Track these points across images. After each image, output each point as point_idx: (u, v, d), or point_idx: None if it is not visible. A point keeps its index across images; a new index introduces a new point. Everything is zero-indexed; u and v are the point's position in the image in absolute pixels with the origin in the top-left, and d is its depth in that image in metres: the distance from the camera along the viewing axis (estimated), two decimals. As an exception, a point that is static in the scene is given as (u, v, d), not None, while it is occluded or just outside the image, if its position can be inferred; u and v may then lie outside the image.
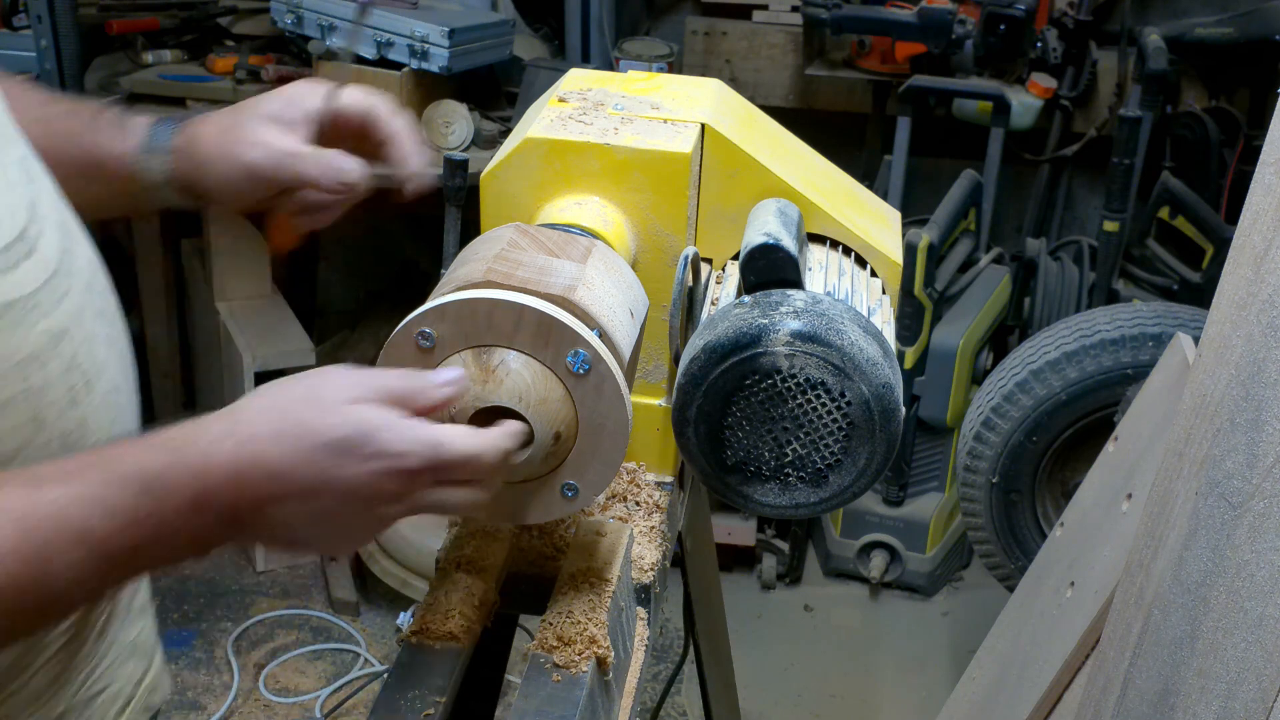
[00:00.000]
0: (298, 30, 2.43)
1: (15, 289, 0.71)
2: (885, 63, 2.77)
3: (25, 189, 0.75)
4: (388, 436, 0.66)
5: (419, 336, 0.75)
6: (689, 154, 0.93)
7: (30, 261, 0.72)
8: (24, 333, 0.71)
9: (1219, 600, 0.99)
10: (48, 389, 0.73)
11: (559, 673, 0.81)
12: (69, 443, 0.75)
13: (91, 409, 0.77)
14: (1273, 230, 0.96)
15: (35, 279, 0.73)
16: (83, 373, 0.76)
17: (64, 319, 0.75)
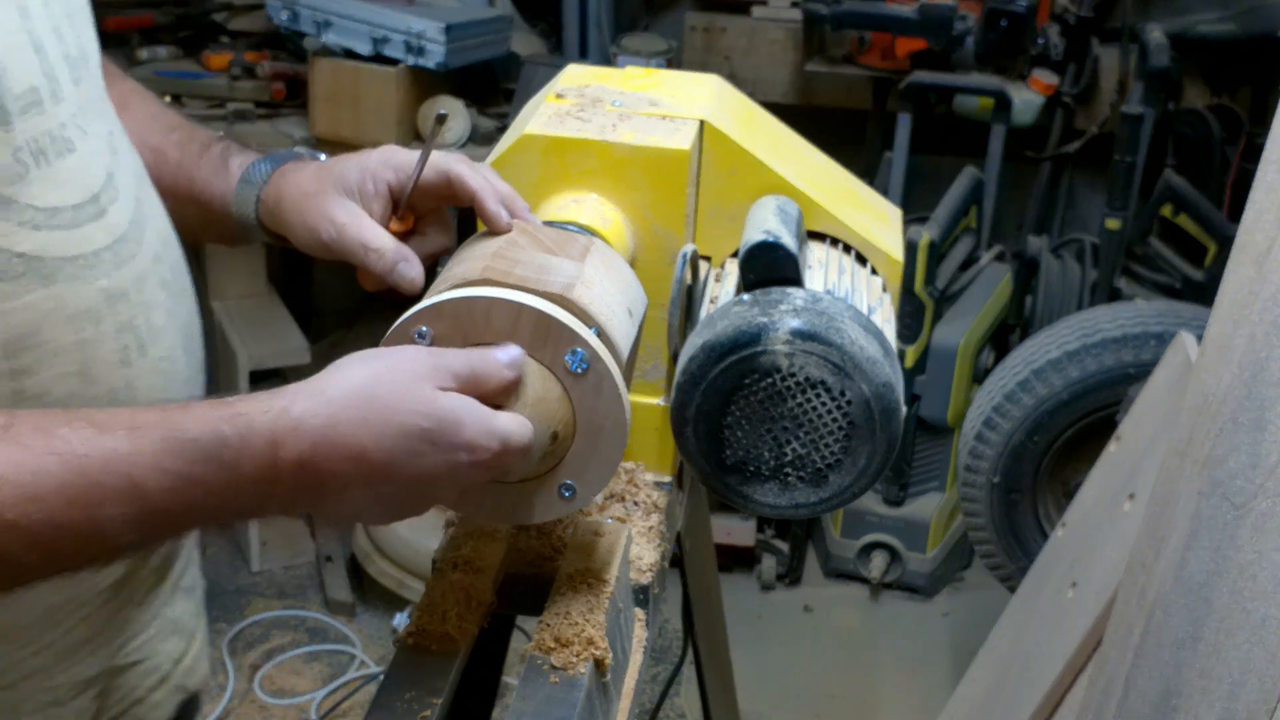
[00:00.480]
0: (293, 26, 2.42)
1: (77, 245, 0.76)
2: (885, 59, 2.76)
3: (107, 160, 0.80)
4: (471, 430, 0.68)
5: (416, 335, 0.74)
6: (688, 151, 0.92)
7: (97, 224, 0.77)
8: (82, 286, 0.76)
9: (1221, 601, 0.98)
10: (99, 344, 0.77)
11: (556, 674, 0.81)
12: (116, 400, 0.78)
13: (141, 372, 0.80)
14: (1275, 228, 0.95)
15: (99, 241, 0.77)
16: (136, 335, 0.80)
17: (123, 282, 0.79)
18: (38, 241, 0.73)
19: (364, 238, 0.82)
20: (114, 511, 0.61)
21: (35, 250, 0.73)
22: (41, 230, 0.73)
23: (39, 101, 0.74)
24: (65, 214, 0.75)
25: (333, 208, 0.83)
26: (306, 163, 0.91)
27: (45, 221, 0.74)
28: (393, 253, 0.81)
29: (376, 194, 0.84)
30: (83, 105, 0.79)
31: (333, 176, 0.85)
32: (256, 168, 0.91)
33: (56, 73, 0.76)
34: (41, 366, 0.74)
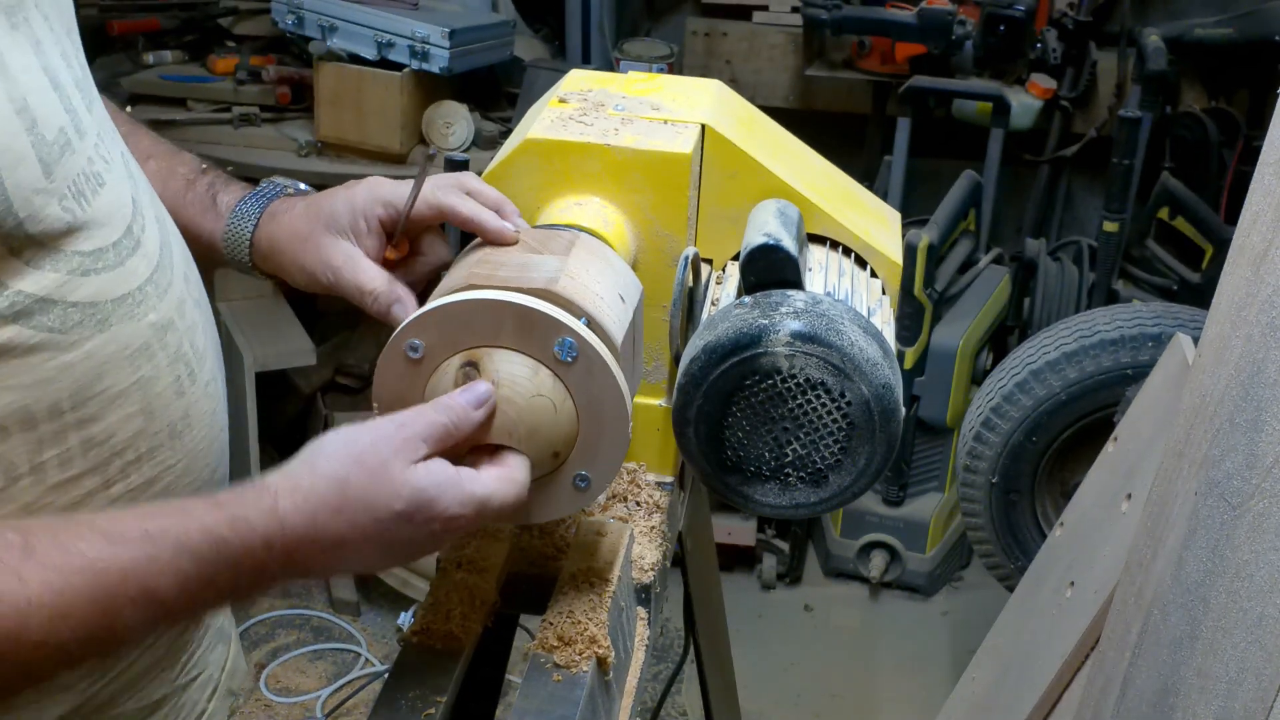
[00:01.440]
0: (299, 31, 2.43)
1: (125, 283, 0.75)
2: (885, 63, 2.77)
3: (128, 184, 0.79)
4: (444, 504, 0.70)
5: (408, 349, 0.76)
6: (689, 155, 0.93)
7: (136, 256, 0.77)
8: (134, 325, 0.75)
9: (1218, 600, 0.99)
10: (157, 379, 0.77)
11: (559, 672, 0.81)
12: (175, 431, 0.79)
13: (195, 399, 0.81)
14: (1272, 231, 0.96)
15: (141, 273, 0.77)
16: (186, 363, 0.80)
17: (169, 310, 0.79)
18: (91, 287, 0.72)
19: (359, 281, 0.83)
20: (131, 617, 0.64)
21: (89, 297, 0.72)
22: (90, 275, 0.72)
23: (68, 142, 0.72)
24: (109, 254, 0.74)
25: (327, 251, 0.84)
26: (293, 200, 0.90)
27: (93, 265, 0.73)
28: (386, 295, 0.83)
29: (369, 230, 0.85)
30: (100, 133, 0.77)
31: (323, 218, 0.85)
32: (245, 209, 0.90)
33: (74, 103, 0.74)
34: (107, 412, 0.74)
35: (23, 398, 0.70)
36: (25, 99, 0.68)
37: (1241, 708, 0.94)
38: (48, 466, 0.71)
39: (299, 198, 0.91)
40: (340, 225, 0.85)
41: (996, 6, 2.59)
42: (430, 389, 0.76)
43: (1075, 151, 2.86)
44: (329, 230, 0.85)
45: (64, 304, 0.71)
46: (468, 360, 0.75)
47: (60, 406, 0.71)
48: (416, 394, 0.77)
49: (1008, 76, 2.72)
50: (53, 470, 0.72)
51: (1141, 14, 2.80)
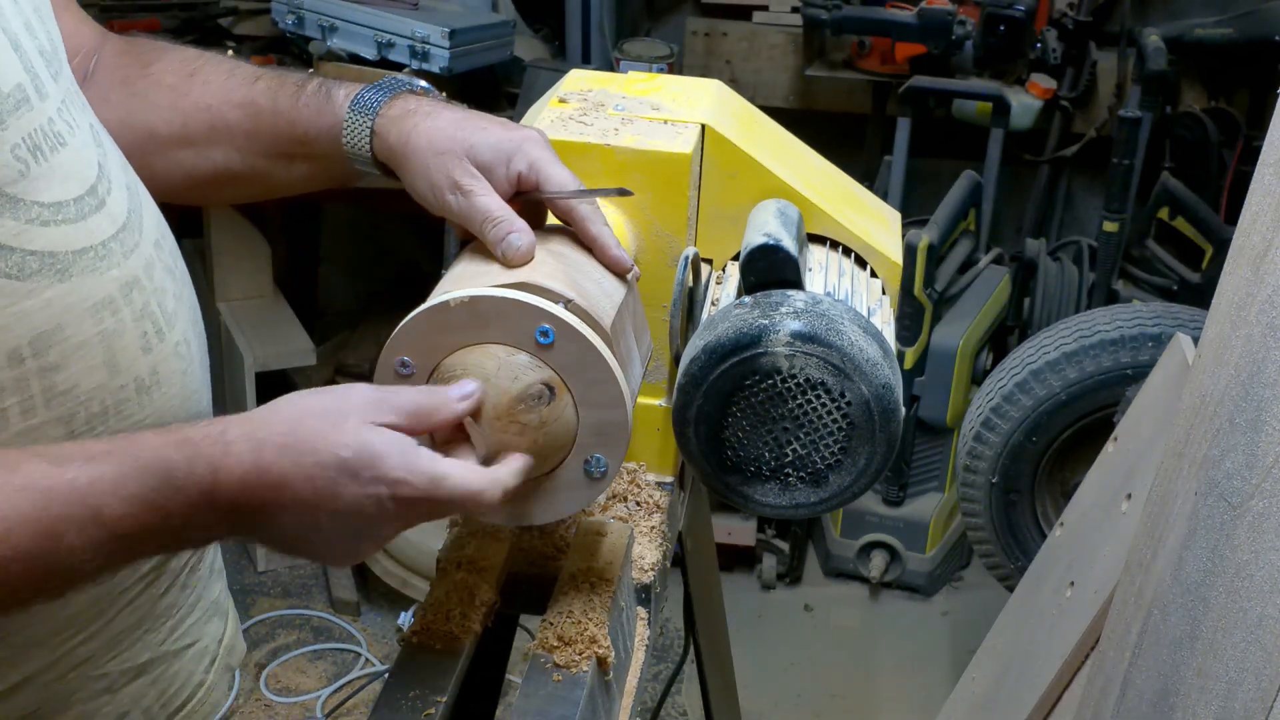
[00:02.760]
0: (299, 31, 2.43)
1: (87, 237, 0.76)
2: (885, 63, 2.77)
3: (95, 151, 0.79)
4: (390, 463, 0.68)
5: (398, 366, 0.76)
6: (689, 155, 0.93)
7: (100, 214, 0.77)
8: (97, 278, 0.76)
9: (1218, 600, 0.99)
10: (121, 334, 0.78)
11: (559, 672, 0.81)
12: (142, 387, 0.79)
13: (163, 357, 0.81)
14: (1272, 231, 0.96)
15: (105, 231, 0.77)
16: (154, 321, 0.80)
17: (134, 269, 0.79)
18: (49, 237, 0.73)
19: (487, 207, 0.82)
20: (76, 540, 0.63)
21: (48, 246, 0.73)
22: (50, 226, 0.74)
23: (26, 99, 0.73)
24: (69, 207, 0.75)
25: (461, 175, 0.83)
26: (431, 105, 0.87)
27: (52, 217, 0.74)
28: (508, 223, 0.81)
29: (505, 179, 0.83)
30: (64, 99, 0.78)
31: (468, 144, 0.83)
32: (365, 98, 0.87)
33: (36, 69, 0.75)
34: (69, 361, 0.74)
35: None
36: None
37: (1241, 708, 0.94)
38: (10, 413, 0.72)
39: (436, 102, 0.89)
40: (480, 159, 0.83)
41: (996, 6, 2.59)
42: None
43: (1075, 151, 2.86)
44: (468, 157, 0.83)
45: (21, 251, 0.72)
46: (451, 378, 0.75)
47: (20, 353, 0.72)
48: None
49: (1008, 76, 2.72)
50: (15, 417, 0.72)
51: (1141, 14, 2.80)
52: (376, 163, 0.88)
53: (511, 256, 0.80)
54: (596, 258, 0.84)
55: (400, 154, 0.85)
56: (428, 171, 0.84)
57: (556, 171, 0.83)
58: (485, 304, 0.74)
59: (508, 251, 0.80)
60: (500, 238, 0.80)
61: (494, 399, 0.74)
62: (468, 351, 0.75)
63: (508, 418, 0.74)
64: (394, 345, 0.76)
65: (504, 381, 0.74)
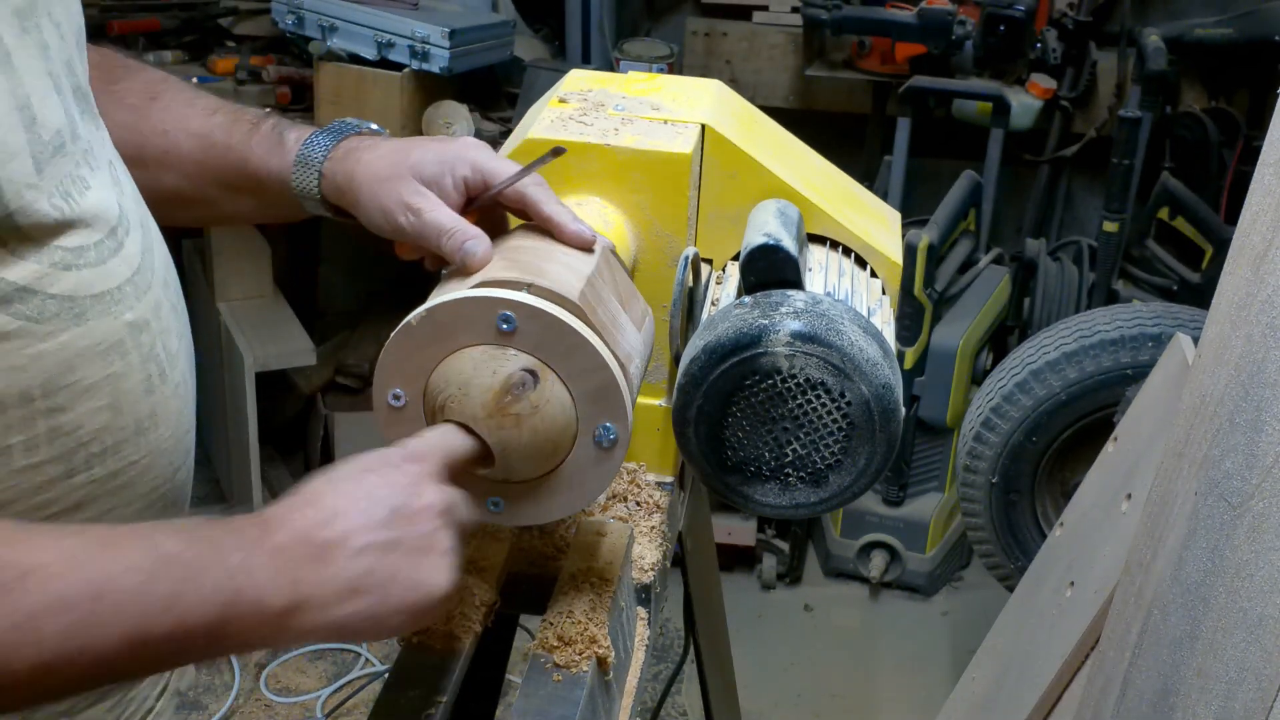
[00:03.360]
0: (299, 31, 2.43)
1: (105, 280, 0.77)
2: (885, 63, 2.77)
3: (113, 190, 0.80)
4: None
5: (390, 400, 0.77)
6: (689, 155, 0.93)
7: (117, 258, 0.78)
8: (111, 322, 0.77)
9: (1218, 600, 0.99)
10: (128, 375, 0.78)
11: (559, 672, 0.81)
12: (141, 428, 0.80)
13: (163, 398, 0.82)
14: (1272, 231, 0.96)
15: (121, 274, 0.79)
16: (158, 363, 0.81)
17: (145, 311, 0.80)
18: (70, 282, 0.74)
19: (439, 221, 0.82)
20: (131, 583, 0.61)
21: (68, 290, 0.74)
22: (72, 270, 0.74)
23: (63, 145, 0.74)
24: (90, 252, 0.76)
25: (409, 194, 0.84)
26: (373, 140, 0.90)
27: (74, 261, 0.75)
28: (462, 232, 0.82)
29: (453, 188, 0.85)
30: (90, 139, 0.79)
31: (409, 163, 0.85)
32: (315, 142, 0.90)
33: (72, 111, 0.76)
34: (76, 403, 0.75)
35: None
36: (29, 98, 0.71)
37: (1241, 707, 0.94)
38: (14, 451, 0.73)
39: (378, 138, 0.91)
40: (425, 174, 0.84)
41: (996, 6, 2.59)
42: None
43: (1075, 151, 2.86)
44: (412, 176, 0.85)
45: (43, 295, 0.72)
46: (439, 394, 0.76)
47: (31, 394, 0.73)
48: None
49: (1008, 76, 2.72)
50: (18, 455, 0.73)
51: (1141, 14, 2.80)
52: (325, 204, 0.90)
53: (471, 264, 0.81)
54: (556, 238, 0.84)
55: (348, 190, 0.87)
56: (376, 199, 0.85)
57: (500, 166, 0.85)
58: (442, 311, 0.75)
59: (467, 260, 0.81)
60: (457, 247, 0.81)
61: (481, 398, 0.74)
62: (446, 363, 0.76)
63: (499, 412, 0.74)
64: (380, 381, 0.77)
65: (484, 378, 0.74)
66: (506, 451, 0.76)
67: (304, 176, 0.89)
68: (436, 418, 0.76)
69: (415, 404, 0.77)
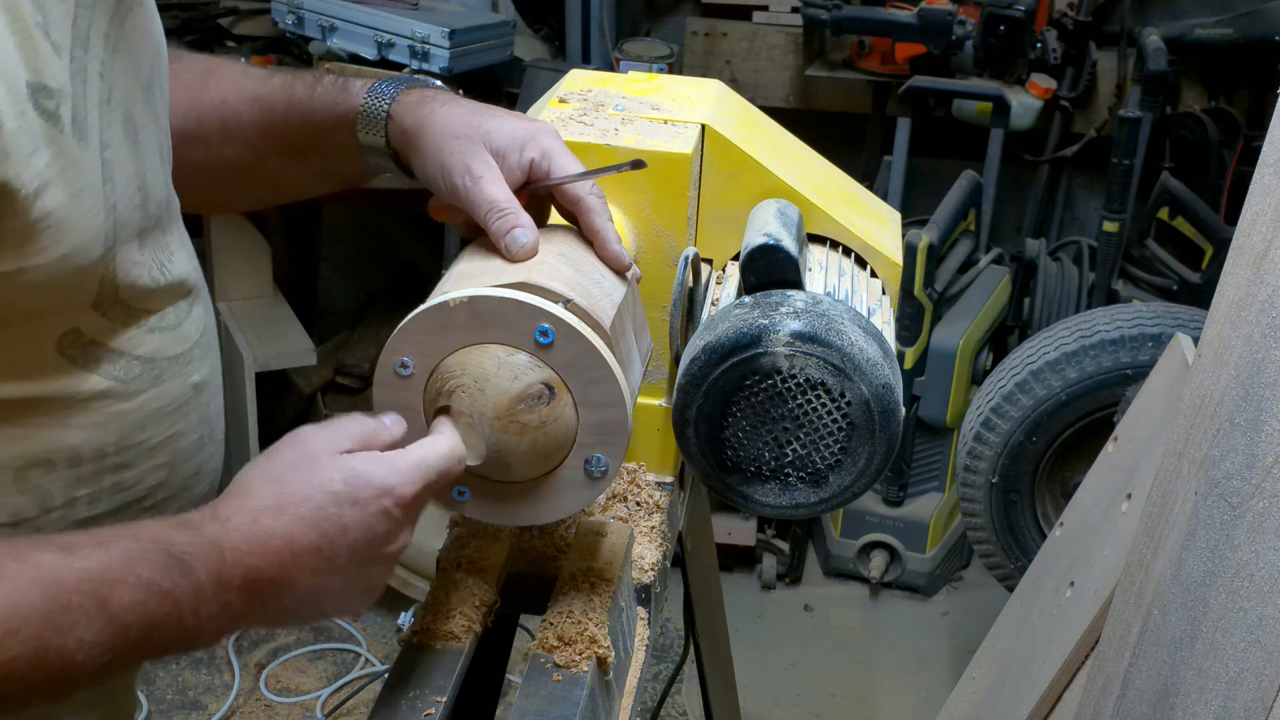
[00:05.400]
0: (299, 31, 2.43)
1: (181, 343, 0.80)
2: (885, 63, 2.77)
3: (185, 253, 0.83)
4: (379, 474, 0.70)
5: (398, 368, 0.77)
6: (689, 155, 0.93)
7: (190, 320, 0.82)
8: (180, 383, 0.80)
9: (1218, 600, 0.99)
10: (186, 435, 0.81)
11: (559, 672, 0.81)
12: (188, 485, 0.82)
13: (209, 456, 0.85)
14: (1272, 231, 0.96)
15: (192, 336, 0.82)
16: (210, 423, 0.85)
17: (207, 372, 0.83)
18: (153, 344, 0.77)
19: (493, 195, 0.81)
20: (85, 634, 0.61)
21: (150, 352, 0.77)
22: (155, 332, 0.78)
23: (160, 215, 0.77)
24: (170, 315, 0.79)
25: (473, 159, 0.82)
26: (448, 95, 0.88)
27: (158, 324, 0.78)
28: (513, 216, 0.80)
29: (517, 166, 0.83)
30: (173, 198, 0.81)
31: (482, 130, 0.83)
32: (381, 88, 0.87)
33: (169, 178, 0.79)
34: (140, 460, 0.78)
35: (77, 437, 0.74)
36: (145, 175, 0.74)
37: (1241, 707, 0.94)
38: (79, 503, 0.75)
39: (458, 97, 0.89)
40: (495, 144, 0.83)
41: (996, 6, 2.59)
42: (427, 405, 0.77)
43: (1075, 151, 2.86)
44: (482, 141, 0.83)
45: (129, 356, 0.76)
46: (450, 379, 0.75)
47: (105, 449, 0.75)
48: (414, 406, 0.77)
49: (1008, 76, 2.72)
50: (82, 507, 0.75)
51: (1141, 14, 2.80)
52: (389, 149, 0.87)
53: (515, 251, 0.79)
54: (596, 252, 0.84)
55: (415, 135, 0.85)
56: (440, 153, 0.83)
57: (567, 161, 0.84)
58: (485, 304, 0.74)
59: (511, 246, 0.80)
60: (504, 230, 0.80)
61: (494, 399, 0.74)
62: (468, 351, 0.75)
63: (508, 417, 0.74)
64: (394, 346, 0.76)
65: (504, 381, 0.74)
66: (500, 455, 0.76)
67: (371, 118, 0.86)
68: (439, 400, 0.76)
69: (420, 378, 0.77)
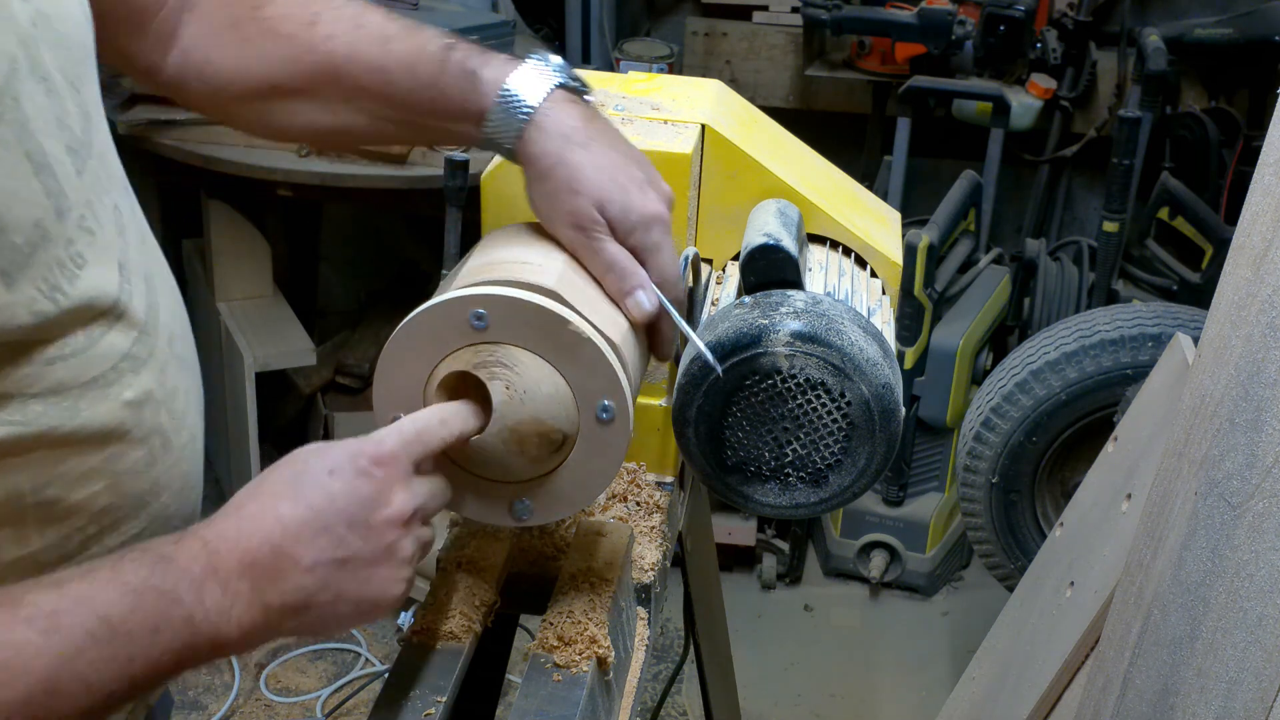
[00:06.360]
0: (298, 31, 2.42)
1: (96, 365, 0.70)
2: (885, 63, 2.77)
3: (116, 246, 0.72)
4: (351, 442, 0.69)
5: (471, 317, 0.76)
6: (689, 154, 0.93)
7: (114, 331, 0.71)
8: (105, 407, 0.70)
9: (1218, 600, 0.99)
10: (126, 456, 0.73)
11: (559, 672, 0.81)
12: (141, 503, 0.75)
13: (166, 467, 0.77)
14: (1272, 231, 0.96)
15: (118, 349, 0.71)
16: (161, 435, 0.76)
17: (147, 383, 0.74)
18: (57, 376, 0.67)
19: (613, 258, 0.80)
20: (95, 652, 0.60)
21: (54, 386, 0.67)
22: (56, 364, 0.67)
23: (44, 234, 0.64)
24: (79, 339, 0.68)
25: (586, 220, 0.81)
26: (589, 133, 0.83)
27: (58, 354, 0.67)
28: (634, 277, 0.80)
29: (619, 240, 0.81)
30: (88, 197, 0.69)
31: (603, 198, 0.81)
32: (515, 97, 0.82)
33: (61, 182, 0.66)
34: (70, 493, 0.70)
35: None
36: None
37: (1241, 708, 0.94)
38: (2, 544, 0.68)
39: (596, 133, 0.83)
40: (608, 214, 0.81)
41: (996, 6, 2.59)
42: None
43: (1075, 151, 2.86)
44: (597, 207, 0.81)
45: (23, 397, 0.65)
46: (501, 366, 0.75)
47: (20, 490, 0.68)
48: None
49: (1008, 76, 2.72)
50: (9, 547, 0.68)
51: (1141, 14, 2.80)
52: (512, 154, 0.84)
53: (638, 316, 0.80)
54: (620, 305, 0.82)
55: (538, 172, 0.82)
56: (554, 200, 0.82)
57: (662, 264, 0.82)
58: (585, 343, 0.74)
59: (634, 311, 0.80)
60: (627, 292, 0.80)
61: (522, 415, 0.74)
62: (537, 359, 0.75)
63: (520, 437, 0.75)
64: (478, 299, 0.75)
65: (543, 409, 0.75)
66: (499, 459, 0.76)
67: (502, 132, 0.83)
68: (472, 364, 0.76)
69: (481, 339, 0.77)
